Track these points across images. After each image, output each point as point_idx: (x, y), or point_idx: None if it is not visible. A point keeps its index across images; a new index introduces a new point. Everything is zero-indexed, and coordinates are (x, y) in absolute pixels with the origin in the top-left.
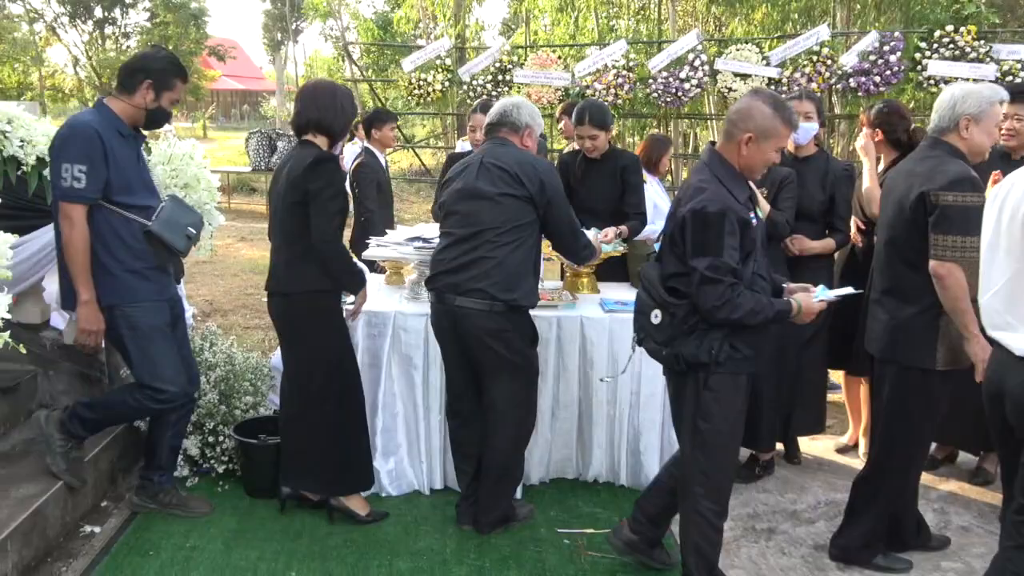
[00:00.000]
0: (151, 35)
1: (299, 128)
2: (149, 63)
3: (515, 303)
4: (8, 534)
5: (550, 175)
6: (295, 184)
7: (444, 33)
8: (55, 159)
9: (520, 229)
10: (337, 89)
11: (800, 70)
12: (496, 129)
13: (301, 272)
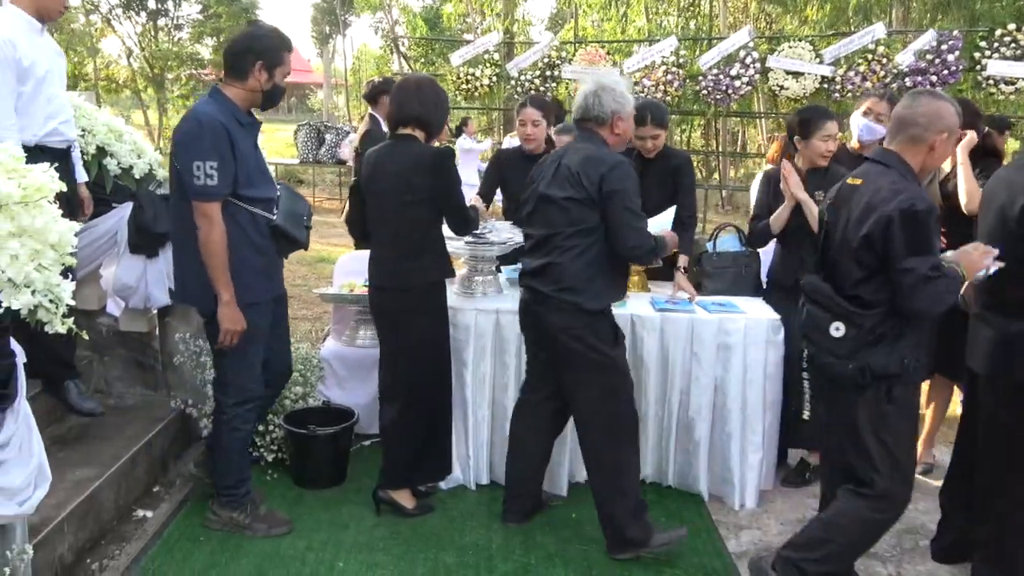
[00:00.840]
0: (204, 27)
1: (400, 122)
2: (255, 43)
3: (581, 307)
4: (65, 516)
5: (615, 172)
6: (417, 183)
7: (492, 28)
8: (185, 156)
9: (584, 234)
10: (438, 87)
11: (854, 68)
12: (582, 125)
13: (415, 267)
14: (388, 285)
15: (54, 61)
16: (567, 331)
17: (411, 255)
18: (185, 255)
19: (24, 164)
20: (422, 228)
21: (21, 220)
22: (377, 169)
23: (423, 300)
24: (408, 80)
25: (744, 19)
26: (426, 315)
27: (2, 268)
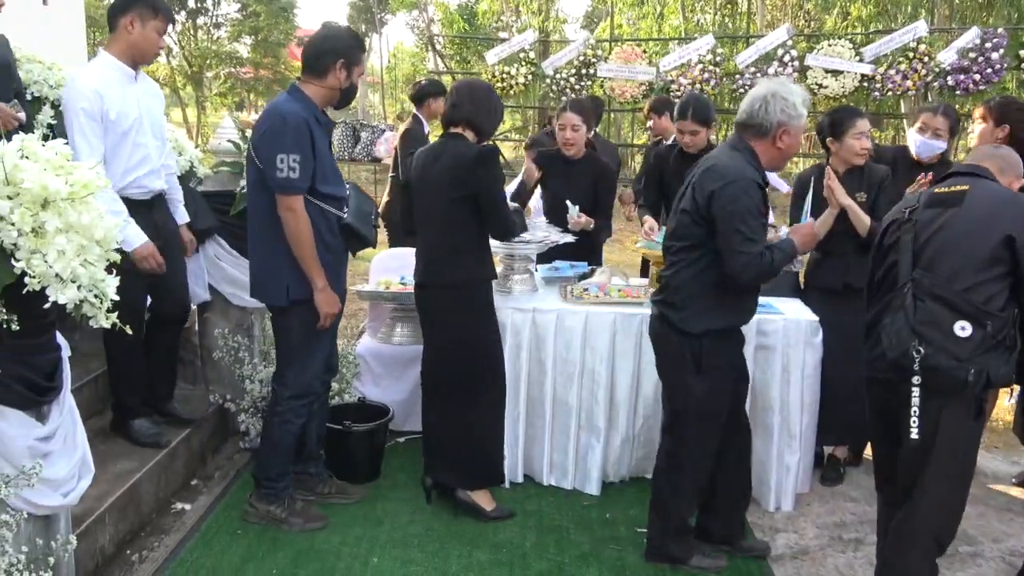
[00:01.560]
0: (242, 26)
1: (451, 121)
2: (336, 42)
3: (674, 325)
4: (106, 508)
5: (728, 189)
6: (459, 179)
7: (528, 26)
8: (268, 150)
9: (689, 250)
10: (493, 93)
11: (895, 67)
12: (740, 130)
13: (461, 263)
14: (429, 282)
15: (147, 107)
16: (657, 344)
17: (452, 253)
18: (263, 252)
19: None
20: (464, 226)
21: (68, 216)
22: (425, 167)
23: (463, 298)
24: (464, 83)
25: (782, 17)
26: (466, 314)
27: (49, 263)
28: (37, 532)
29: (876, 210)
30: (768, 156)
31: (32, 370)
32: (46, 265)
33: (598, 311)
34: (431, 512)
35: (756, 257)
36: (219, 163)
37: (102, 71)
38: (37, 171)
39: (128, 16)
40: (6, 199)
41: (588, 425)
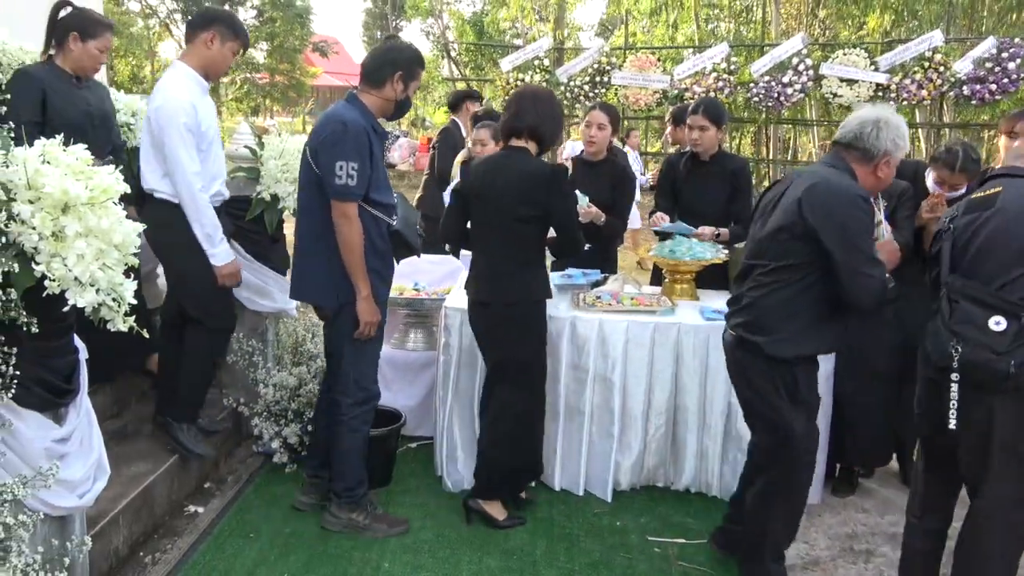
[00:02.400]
0: (259, 32)
1: (514, 131)
2: (397, 55)
3: (763, 350)
4: (120, 509)
5: (845, 206)
6: (531, 198)
7: (541, 33)
8: (328, 156)
9: (787, 270)
10: (555, 100)
11: (910, 76)
12: (842, 149)
13: (518, 283)
14: (489, 300)
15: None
16: (739, 371)
17: (515, 271)
18: (312, 254)
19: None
20: (528, 245)
21: (88, 220)
22: (487, 180)
23: (522, 317)
24: (526, 90)
25: (797, 26)
26: (524, 332)
27: (69, 267)
28: (53, 533)
29: (895, 222)
30: (866, 182)
31: (50, 372)
32: (66, 269)
33: (611, 319)
34: (442, 518)
35: (880, 280)
36: (236, 168)
37: (189, 83)
38: (58, 176)
39: (209, 32)
40: (28, 203)
41: (600, 432)
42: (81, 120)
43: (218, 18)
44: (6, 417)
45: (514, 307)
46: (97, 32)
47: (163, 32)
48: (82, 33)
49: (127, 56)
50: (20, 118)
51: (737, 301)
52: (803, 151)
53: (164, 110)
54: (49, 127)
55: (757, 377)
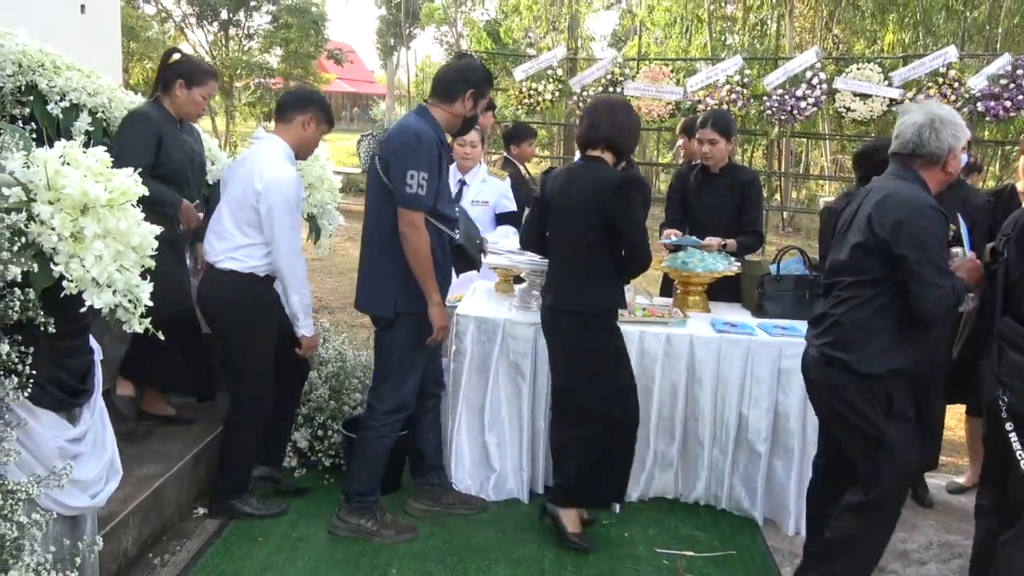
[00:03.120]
0: (274, 37)
1: (590, 142)
2: (471, 73)
3: (850, 367)
4: (130, 511)
5: (916, 219)
6: (599, 205)
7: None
8: (400, 165)
9: (864, 285)
10: (632, 111)
11: (924, 92)
12: (903, 160)
13: (588, 292)
14: (560, 307)
15: None
16: (826, 391)
17: (585, 279)
18: (374, 263)
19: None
20: (599, 254)
21: (106, 222)
22: (563, 189)
23: (593, 326)
24: (600, 101)
25: (811, 39)
26: (596, 341)
27: (87, 268)
28: (64, 532)
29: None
30: (935, 183)
31: (66, 372)
32: (84, 269)
33: (623, 330)
34: (450, 525)
35: (949, 291)
36: None
37: (288, 160)
38: (78, 177)
39: (307, 115)
40: (47, 204)
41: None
42: (185, 164)
43: (315, 102)
44: (21, 416)
45: (583, 316)
46: (203, 80)
47: (178, 36)
48: (188, 80)
49: (142, 60)
50: (135, 160)
51: (820, 320)
52: (815, 165)
53: (276, 186)
54: (159, 170)
55: (851, 394)
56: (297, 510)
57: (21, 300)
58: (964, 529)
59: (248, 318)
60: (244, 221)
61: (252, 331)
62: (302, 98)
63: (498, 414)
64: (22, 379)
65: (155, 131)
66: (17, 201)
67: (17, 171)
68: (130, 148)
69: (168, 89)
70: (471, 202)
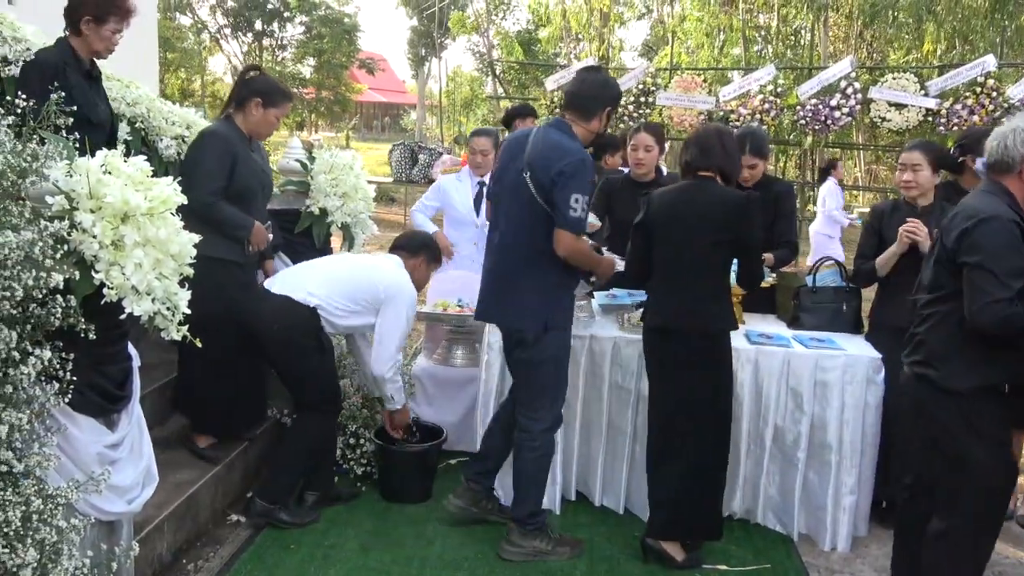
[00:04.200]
0: (306, 48)
1: (700, 167)
2: (608, 91)
3: (939, 384)
4: (165, 516)
5: (979, 228)
6: (726, 223)
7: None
8: (567, 188)
9: (941, 301)
10: (734, 139)
11: (961, 101)
12: (993, 174)
13: (706, 312)
14: (685, 328)
15: None
16: (918, 410)
17: (710, 300)
18: (517, 280)
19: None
20: (718, 273)
21: (147, 231)
22: (675, 211)
23: (710, 348)
24: (712, 130)
25: (845, 48)
26: (712, 364)
27: (127, 275)
28: (101, 538)
29: None
30: (1019, 193)
31: (105, 378)
32: (124, 277)
33: None
34: (481, 535)
35: (1005, 303)
36: (286, 182)
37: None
38: (119, 186)
39: (420, 258)
40: (89, 212)
41: (642, 453)
42: (255, 184)
43: (428, 247)
44: (62, 421)
45: (707, 338)
46: (279, 102)
47: (213, 47)
48: (266, 100)
49: (178, 70)
50: (211, 181)
51: (910, 339)
52: (848, 175)
53: (401, 289)
54: (230, 190)
55: (938, 412)
56: (329, 518)
57: (63, 307)
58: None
59: (313, 348)
60: (360, 299)
61: (315, 358)
62: (417, 243)
63: None
64: (63, 385)
65: (230, 151)
66: (60, 209)
67: (60, 180)
68: (206, 169)
69: (243, 107)
70: None
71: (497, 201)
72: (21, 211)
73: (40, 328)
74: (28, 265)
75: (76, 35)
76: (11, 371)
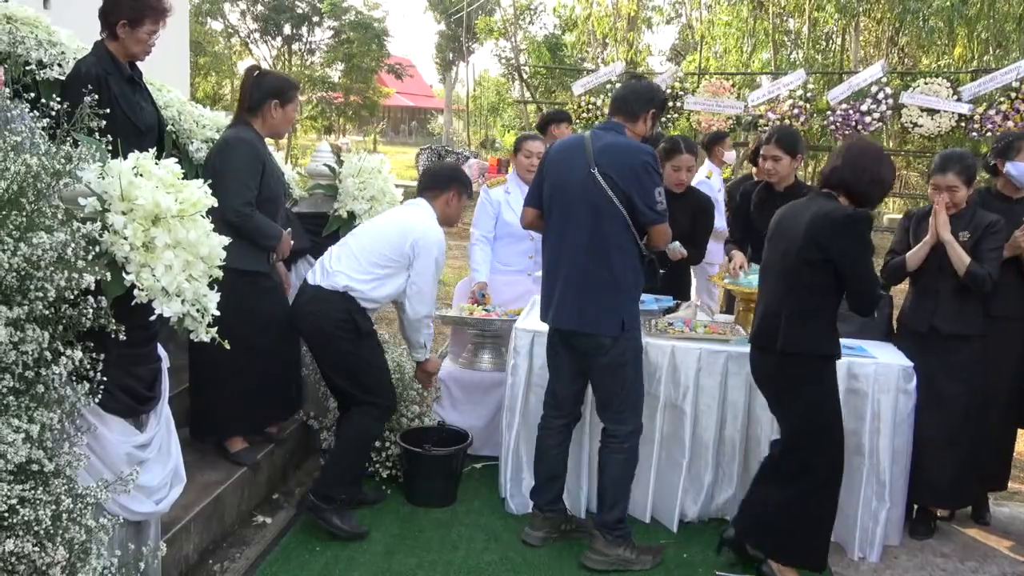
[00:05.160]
0: (335, 52)
1: (828, 182)
2: (654, 94)
3: None
4: (192, 517)
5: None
6: (817, 240)
7: (615, 58)
8: (650, 184)
9: None
10: (884, 159)
11: (995, 107)
12: None
13: (803, 332)
14: (770, 346)
15: None
16: None
17: (800, 318)
18: (593, 283)
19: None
20: (819, 292)
21: (177, 233)
22: (783, 223)
23: (809, 370)
24: (853, 144)
25: (876, 53)
26: (815, 385)
27: (157, 277)
28: (129, 537)
29: (979, 254)
30: None
31: (135, 379)
32: (154, 279)
33: (683, 346)
34: (506, 540)
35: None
36: (314, 186)
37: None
38: (150, 188)
39: (451, 191)
40: (121, 214)
41: (669, 461)
42: (279, 190)
43: (457, 179)
44: (92, 421)
45: (795, 358)
46: (293, 95)
47: (243, 51)
48: (282, 99)
49: (209, 74)
50: (245, 191)
51: None
52: None
53: (427, 239)
54: (259, 197)
55: None
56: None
57: (94, 308)
58: None
59: (364, 339)
60: (386, 261)
61: (365, 348)
62: (444, 176)
63: None
64: (93, 385)
65: (261, 158)
66: (92, 211)
67: (93, 182)
68: (240, 178)
69: (259, 110)
70: None
71: (552, 207)
72: (54, 212)
73: (71, 329)
74: (61, 266)
75: (113, 39)
76: (43, 371)
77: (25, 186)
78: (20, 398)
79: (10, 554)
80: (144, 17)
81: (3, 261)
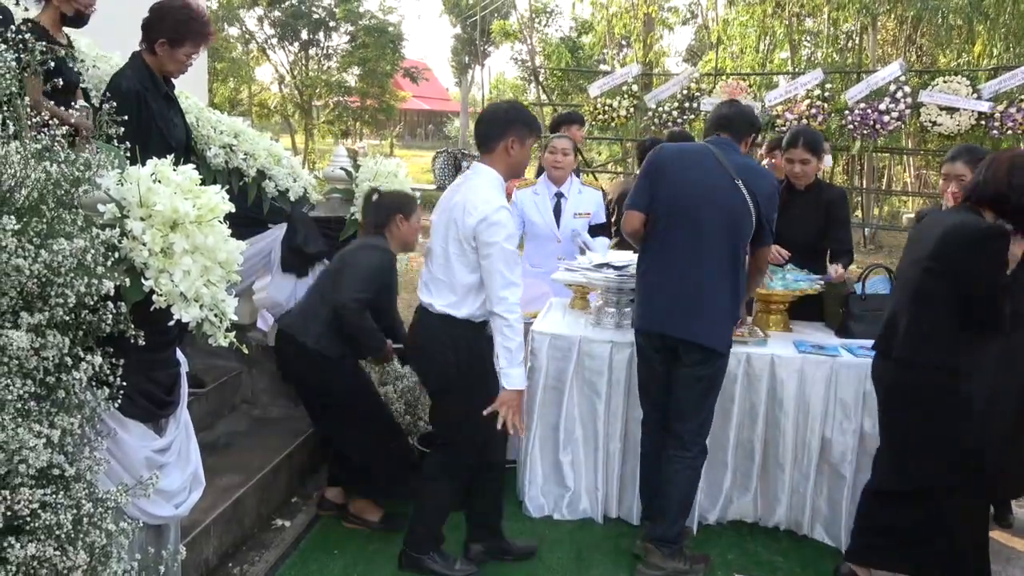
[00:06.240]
0: (352, 57)
1: (981, 198)
2: (757, 122)
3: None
4: (211, 520)
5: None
6: (943, 251)
7: (633, 59)
8: (773, 208)
9: None
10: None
11: (1016, 105)
12: None
13: (932, 343)
14: (890, 353)
15: None
16: None
17: (912, 328)
18: (715, 295)
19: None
20: (938, 305)
21: (195, 238)
22: (924, 229)
23: (935, 378)
24: (1004, 156)
25: (894, 52)
26: (940, 398)
27: (176, 283)
28: (149, 541)
29: None
30: None
31: (154, 384)
32: (172, 284)
33: None
34: None
35: None
36: (331, 190)
37: (500, 192)
38: (168, 194)
39: (508, 139)
40: (139, 220)
41: None
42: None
43: (512, 121)
44: (111, 426)
45: (908, 369)
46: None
47: (260, 57)
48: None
49: (227, 80)
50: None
51: None
52: (897, 180)
53: (492, 223)
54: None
55: None
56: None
57: (113, 313)
58: None
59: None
60: (454, 259)
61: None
62: (497, 122)
63: (572, 432)
64: (113, 390)
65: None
66: (111, 217)
67: (111, 188)
68: (371, 282)
69: (386, 226)
70: (573, 214)
71: (674, 212)
72: (74, 219)
73: (91, 334)
74: (80, 272)
75: (151, 54)
76: (63, 376)
77: (45, 193)
78: (41, 403)
79: (32, 558)
80: (186, 40)
81: (25, 267)
